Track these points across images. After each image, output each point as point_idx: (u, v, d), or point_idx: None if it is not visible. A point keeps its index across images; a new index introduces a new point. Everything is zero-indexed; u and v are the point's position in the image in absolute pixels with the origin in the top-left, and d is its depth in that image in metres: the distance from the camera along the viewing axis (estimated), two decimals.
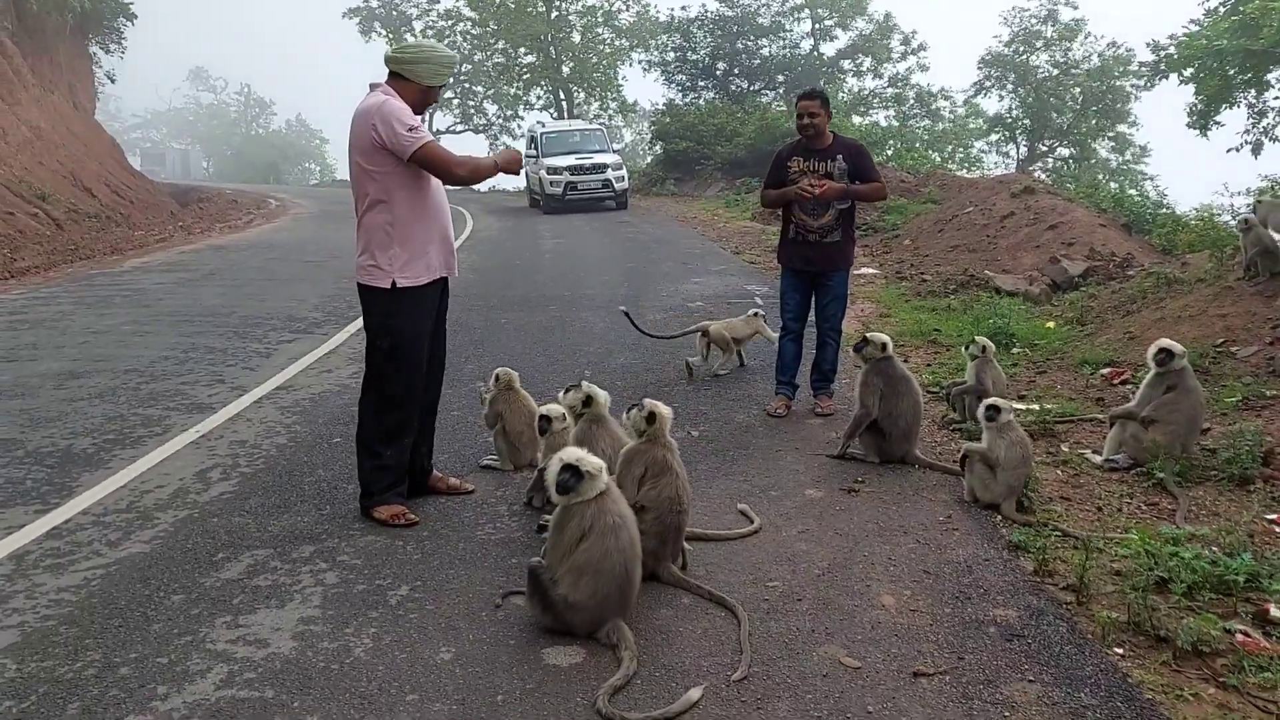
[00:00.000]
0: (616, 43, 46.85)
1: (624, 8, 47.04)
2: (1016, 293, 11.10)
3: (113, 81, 40.43)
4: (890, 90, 40.77)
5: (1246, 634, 3.59)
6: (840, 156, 6.49)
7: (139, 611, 3.92)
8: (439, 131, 59.33)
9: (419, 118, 4.67)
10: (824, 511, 4.91)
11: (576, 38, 47.37)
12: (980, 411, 5.07)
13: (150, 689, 3.34)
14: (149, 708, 3.23)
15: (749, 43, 38.66)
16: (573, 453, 3.70)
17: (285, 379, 7.80)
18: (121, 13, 37.52)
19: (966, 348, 6.54)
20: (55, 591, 4.11)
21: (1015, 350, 8.34)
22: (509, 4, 46.37)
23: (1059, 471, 5.52)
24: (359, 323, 10.01)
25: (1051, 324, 9.20)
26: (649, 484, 4.10)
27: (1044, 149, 37.66)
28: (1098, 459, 5.62)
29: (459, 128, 58.76)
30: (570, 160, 25.57)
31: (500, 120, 56.27)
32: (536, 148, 26.86)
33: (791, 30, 39.79)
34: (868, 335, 5.86)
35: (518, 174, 5.00)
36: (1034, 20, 36.30)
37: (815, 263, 6.62)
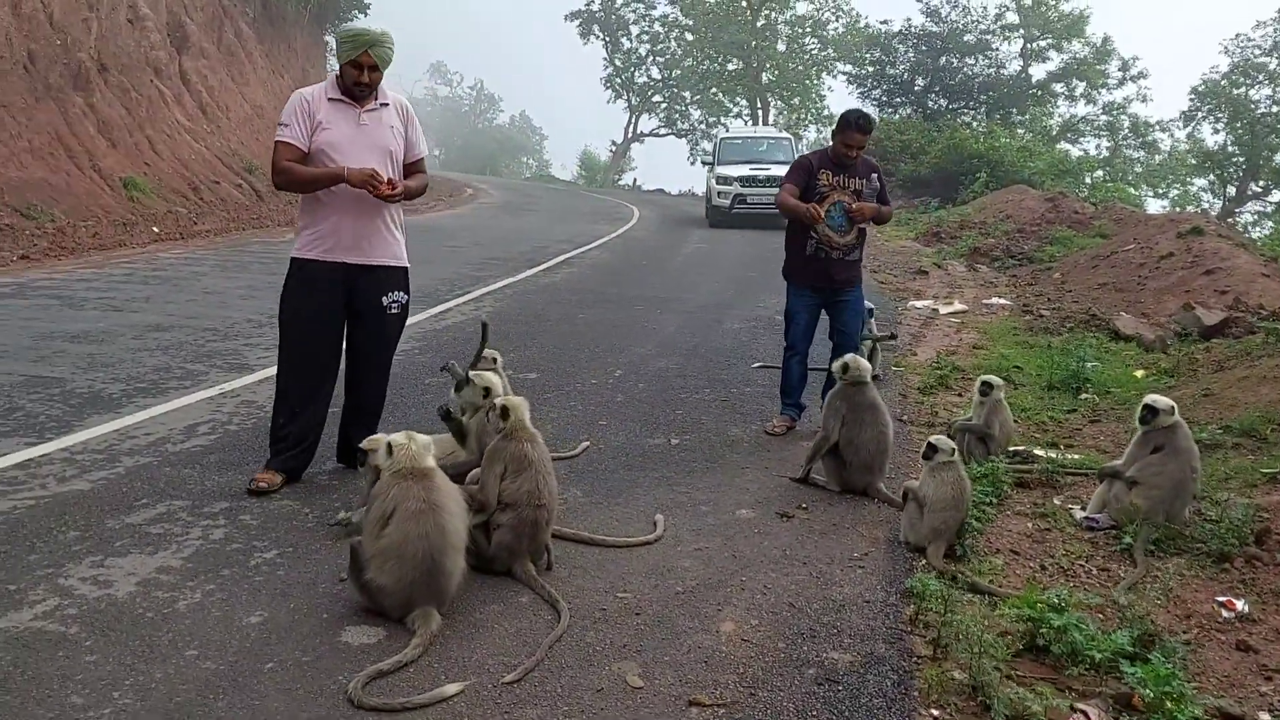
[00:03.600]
0: (821, 53, 46.33)
1: (833, 18, 46.54)
2: (1133, 337, 10.27)
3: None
4: (1104, 118, 38.46)
5: (1086, 716, 3.21)
6: (874, 176, 6.32)
7: (28, 542, 4.18)
8: (643, 134, 60.42)
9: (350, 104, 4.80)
10: (739, 533, 4.71)
11: (781, 46, 47.14)
12: (924, 449, 4.75)
13: None
14: None
15: (952, 60, 37.30)
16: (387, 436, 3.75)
17: None
18: (355, 5, 40.18)
19: (976, 381, 6.13)
20: None
21: (1083, 396, 7.73)
22: (717, 11, 46.72)
23: (1030, 524, 5.09)
24: (441, 306, 10.36)
25: (1140, 373, 8.46)
26: (508, 479, 4.05)
27: (1258, 190, 34.52)
28: (1080, 515, 5.14)
29: (663, 131, 59.61)
30: (743, 170, 23.22)
31: (703, 126, 56.70)
32: (715, 155, 25.54)
33: (999, 50, 38.16)
34: (847, 360, 5.56)
35: (373, 191, 4.62)
36: (1257, 50, 33.37)
37: (836, 280, 6.42)
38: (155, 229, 16.51)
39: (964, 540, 4.57)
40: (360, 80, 4.71)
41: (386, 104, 4.88)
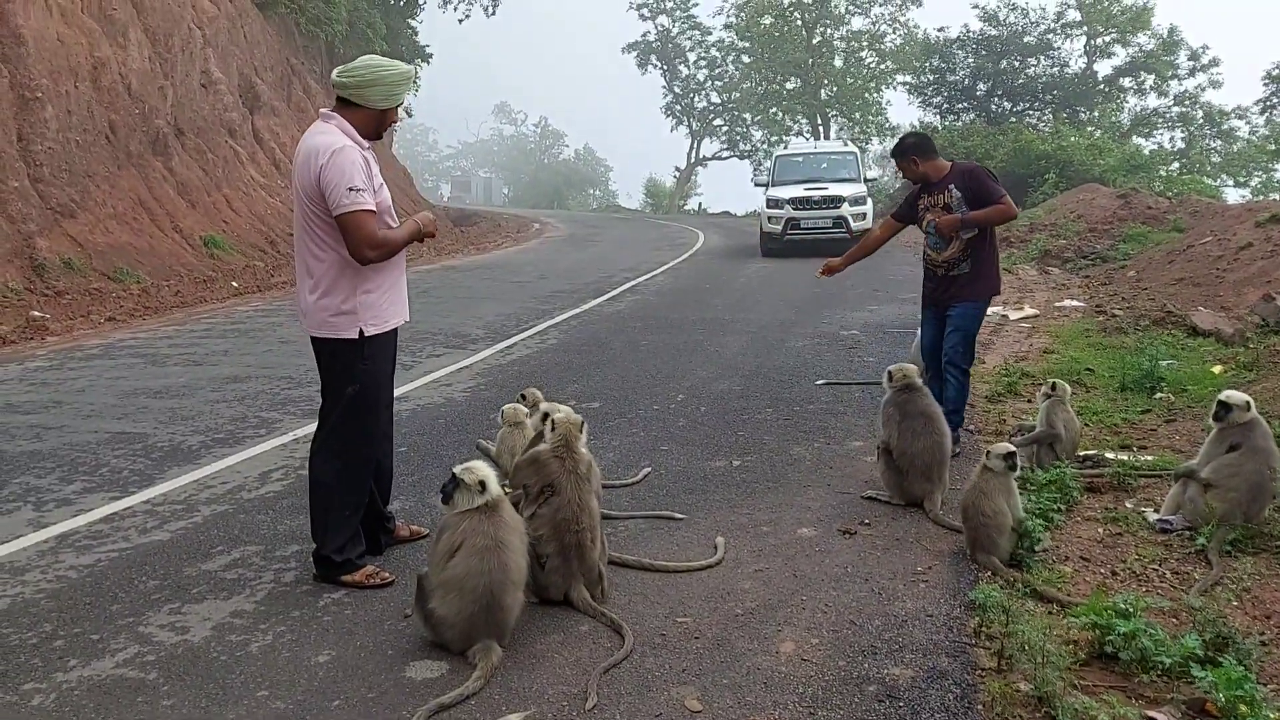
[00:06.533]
0: (880, 66, 46.11)
1: (889, 31, 46.30)
2: (1211, 332, 9.98)
3: (410, 115, 45.07)
4: (1176, 109, 37.48)
5: None
6: (952, 186, 6.20)
7: (112, 593, 4.36)
8: (706, 158, 60.68)
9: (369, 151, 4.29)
10: (800, 552, 4.69)
11: (838, 62, 47.05)
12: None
13: (65, 661, 3.73)
14: (49, 677, 3.61)
15: (1013, 62, 36.74)
16: (469, 464, 3.80)
17: (404, 391, 8.29)
18: (418, 54, 41.37)
19: (1040, 387, 6.04)
20: (66, 569, 4.65)
21: (1158, 396, 7.54)
22: (773, 32, 46.85)
23: (1101, 529, 4.98)
24: (506, 341, 10.51)
25: (1218, 369, 8.22)
26: (543, 505, 4.10)
27: None
28: (1154, 517, 5.02)
29: (725, 154, 59.77)
30: (796, 191, 20.62)
31: (765, 146, 56.72)
32: (770, 174, 22.83)
33: (1061, 48, 37.47)
34: (891, 369, 5.59)
35: (433, 236, 4.54)
36: None
37: (943, 297, 6.36)
38: (234, 283, 17.06)
39: (1024, 548, 4.49)
40: (394, 121, 4.38)
41: None
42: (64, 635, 3.95)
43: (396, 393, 7.72)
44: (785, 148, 27.61)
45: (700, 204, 56.82)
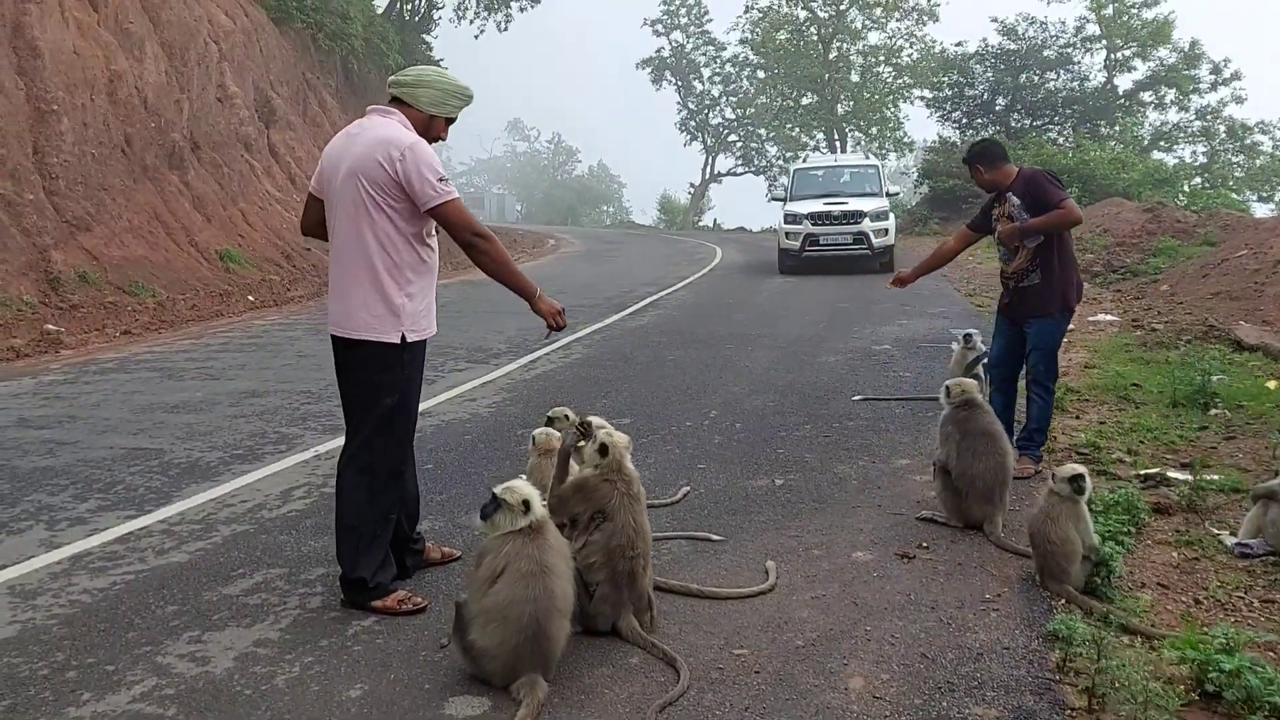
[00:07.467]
0: (897, 81, 45.88)
1: (906, 45, 46.08)
2: (1258, 347, 9.67)
3: None
4: (1198, 124, 37.11)
5: None
6: (1010, 194, 5.96)
7: (127, 619, 4.10)
8: (720, 174, 60.55)
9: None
10: (857, 577, 4.41)
11: (855, 77, 46.87)
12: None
13: (77, 694, 3.46)
14: (60, 712, 3.34)
15: (1033, 77, 36.47)
16: (510, 483, 3.53)
17: (428, 406, 8.01)
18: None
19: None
20: (79, 592, 4.39)
21: (1213, 411, 7.23)
22: (789, 48, 46.72)
23: (1175, 553, 4.68)
24: (529, 356, 10.26)
25: (1273, 384, 7.90)
26: (595, 531, 3.81)
27: None
28: (1232, 541, 4.71)
29: (740, 170, 59.61)
30: (815, 206, 19.79)
31: (780, 162, 56.54)
32: (788, 189, 22.00)
33: (1081, 63, 37.18)
34: (949, 384, 5.31)
35: (552, 327, 4.57)
36: None
37: (1016, 310, 6.13)
38: (250, 297, 16.88)
39: (1101, 577, 4.20)
40: (441, 137, 4.30)
41: None
42: (77, 665, 3.69)
43: (420, 407, 7.50)
44: (803, 161, 27.14)
45: (715, 220, 56.66)
